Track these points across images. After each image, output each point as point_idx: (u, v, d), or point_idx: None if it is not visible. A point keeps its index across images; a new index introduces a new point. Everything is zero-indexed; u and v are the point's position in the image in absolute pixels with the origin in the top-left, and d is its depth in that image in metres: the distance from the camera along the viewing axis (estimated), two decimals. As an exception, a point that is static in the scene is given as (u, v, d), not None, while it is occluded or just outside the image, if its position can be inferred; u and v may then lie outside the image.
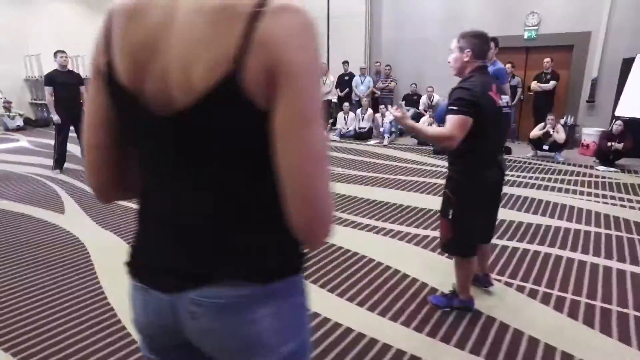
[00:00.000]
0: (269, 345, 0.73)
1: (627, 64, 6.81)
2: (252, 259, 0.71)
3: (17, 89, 10.35)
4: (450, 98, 2.09)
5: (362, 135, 8.66)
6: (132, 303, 0.80)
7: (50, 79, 5.48)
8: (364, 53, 9.68)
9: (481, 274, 2.63)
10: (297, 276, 0.77)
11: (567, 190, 4.93)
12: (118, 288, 2.63)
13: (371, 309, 2.47)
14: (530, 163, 6.45)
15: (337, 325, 2.30)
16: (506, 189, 4.94)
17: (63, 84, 5.47)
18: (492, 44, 4.63)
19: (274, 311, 0.73)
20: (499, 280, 2.80)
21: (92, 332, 2.24)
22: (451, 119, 2.02)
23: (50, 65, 6.02)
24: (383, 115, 8.36)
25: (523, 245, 3.36)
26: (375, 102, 9.25)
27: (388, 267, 2.98)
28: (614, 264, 3.04)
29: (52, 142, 5.82)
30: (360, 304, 2.53)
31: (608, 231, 3.68)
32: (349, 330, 2.25)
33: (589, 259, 3.13)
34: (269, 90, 0.62)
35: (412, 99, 9.04)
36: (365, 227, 3.79)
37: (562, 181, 5.36)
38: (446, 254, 2.93)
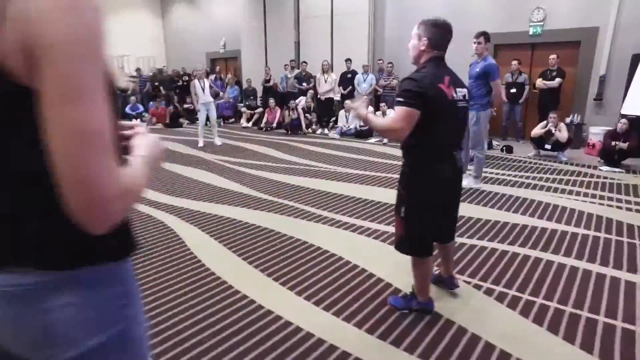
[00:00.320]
0: (69, 337, 0.69)
1: (636, 60, 6.49)
2: (43, 246, 0.68)
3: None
4: (399, 89, 2.00)
5: (362, 134, 8.57)
6: None
7: None
8: (367, 51, 9.56)
9: (446, 276, 2.52)
10: (112, 265, 0.74)
11: (563, 191, 4.73)
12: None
13: (327, 308, 2.39)
14: (530, 162, 6.24)
15: (288, 324, 2.24)
16: (499, 189, 4.79)
17: None
18: (482, 39, 4.53)
19: (77, 301, 0.69)
20: (469, 283, 2.68)
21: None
22: (397, 111, 1.94)
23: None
24: (384, 114, 8.24)
25: (502, 247, 3.22)
26: (377, 100, 9.13)
27: (355, 266, 2.90)
28: (595, 268, 2.88)
29: None
30: (317, 303, 2.45)
31: (597, 233, 3.50)
32: (297, 330, 2.18)
33: (569, 261, 2.97)
34: (31, 72, 0.58)
35: (415, 97, 8.88)
36: (343, 224, 3.70)
37: (561, 181, 5.15)
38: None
